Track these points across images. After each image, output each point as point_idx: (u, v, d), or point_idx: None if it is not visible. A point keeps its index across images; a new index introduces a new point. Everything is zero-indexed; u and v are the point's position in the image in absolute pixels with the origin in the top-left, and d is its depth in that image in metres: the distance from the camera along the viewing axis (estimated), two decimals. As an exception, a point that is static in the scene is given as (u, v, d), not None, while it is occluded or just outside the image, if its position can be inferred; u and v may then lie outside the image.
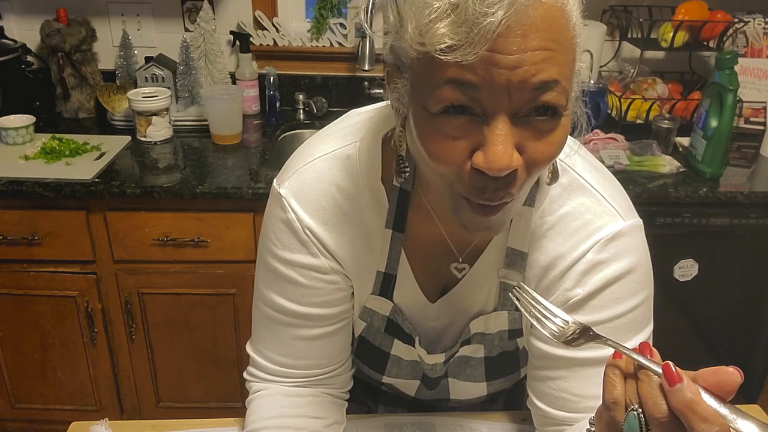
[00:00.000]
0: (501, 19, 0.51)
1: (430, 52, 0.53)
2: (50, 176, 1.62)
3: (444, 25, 0.52)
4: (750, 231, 1.75)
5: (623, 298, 0.73)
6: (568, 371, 0.76)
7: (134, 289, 1.75)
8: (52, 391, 1.91)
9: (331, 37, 2.10)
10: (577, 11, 0.57)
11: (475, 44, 0.51)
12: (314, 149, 0.78)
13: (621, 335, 0.73)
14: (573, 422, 0.76)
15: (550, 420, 0.79)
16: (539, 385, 0.79)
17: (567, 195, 0.74)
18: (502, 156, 0.55)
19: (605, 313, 0.73)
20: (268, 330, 0.82)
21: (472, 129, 0.56)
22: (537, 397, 0.80)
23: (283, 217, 0.76)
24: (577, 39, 0.57)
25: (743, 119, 2.04)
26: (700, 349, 1.96)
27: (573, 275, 0.74)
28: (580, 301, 0.74)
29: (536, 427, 0.83)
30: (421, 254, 0.80)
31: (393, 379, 0.92)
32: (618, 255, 0.73)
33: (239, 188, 1.61)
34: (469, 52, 0.52)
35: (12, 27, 2.07)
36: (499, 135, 0.55)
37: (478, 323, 0.83)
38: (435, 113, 0.57)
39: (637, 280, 0.74)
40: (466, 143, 0.57)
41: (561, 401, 0.77)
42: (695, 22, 1.92)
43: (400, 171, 0.72)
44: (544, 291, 0.76)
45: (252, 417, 0.83)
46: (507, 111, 0.55)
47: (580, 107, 0.62)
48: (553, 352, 0.76)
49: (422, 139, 0.60)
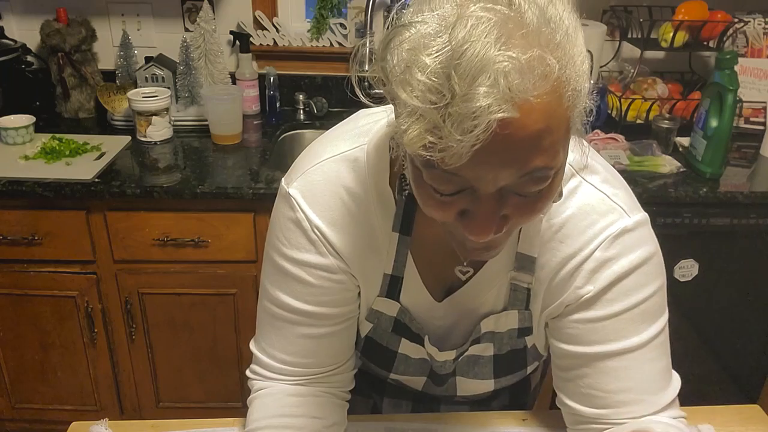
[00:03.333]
0: (475, 144, 0.49)
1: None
2: (50, 176, 1.62)
3: (422, 140, 0.51)
4: (750, 231, 1.75)
5: (635, 290, 0.74)
6: (591, 368, 0.77)
7: (134, 289, 1.75)
8: (52, 391, 1.91)
9: (331, 37, 2.10)
10: (577, 74, 0.53)
11: (454, 162, 0.51)
12: (323, 150, 0.78)
13: (635, 326, 0.75)
14: (602, 418, 0.78)
15: (580, 418, 0.80)
16: (568, 384, 0.81)
17: (572, 197, 0.74)
18: (484, 230, 0.58)
19: (618, 305, 0.74)
20: (273, 328, 0.82)
21: (461, 195, 0.57)
22: (567, 396, 0.81)
23: (292, 216, 0.77)
24: (576, 99, 0.54)
25: (743, 119, 2.04)
26: (700, 349, 1.96)
27: (583, 273, 0.75)
28: (592, 297, 0.75)
29: (567, 426, 0.85)
30: (426, 255, 0.81)
31: (400, 376, 0.93)
32: (626, 250, 0.73)
33: (239, 188, 1.61)
34: (449, 164, 0.52)
35: (12, 27, 2.07)
36: (485, 209, 0.57)
37: (488, 322, 0.83)
38: (425, 177, 0.57)
39: (647, 271, 0.75)
40: (455, 206, 0.59)
41: (589, 398, 0.78)
42: (695, 22, 1.92)
43: (402, 189, 0.75)
44: (555, 290, 0.77)
45: (254, 416, 0.83)
46: (494, 188, 0.56)
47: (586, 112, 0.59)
48: (574, 350, 0.78)
49: (414, 186, 0.61)
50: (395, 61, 0.53)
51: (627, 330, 0.74)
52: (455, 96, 0.49)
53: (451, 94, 0.49)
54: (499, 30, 0.48)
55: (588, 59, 0.55)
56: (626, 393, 0.76)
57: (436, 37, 0.50)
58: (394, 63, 0.53)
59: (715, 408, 0.97)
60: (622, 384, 0.76)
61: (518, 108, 0.49)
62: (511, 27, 0.49)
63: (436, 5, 0.53)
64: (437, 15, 0.52)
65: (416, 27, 0.52)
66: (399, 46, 0.53)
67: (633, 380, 0.76)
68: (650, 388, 0.76)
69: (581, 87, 0.54)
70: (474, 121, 0.48)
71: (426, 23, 0.52)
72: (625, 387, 0.76)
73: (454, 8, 0.51)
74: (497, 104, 0.48)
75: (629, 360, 0.75)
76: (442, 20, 0.51)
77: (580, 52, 0.54)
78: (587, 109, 0.57)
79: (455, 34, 0.49)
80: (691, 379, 0.82)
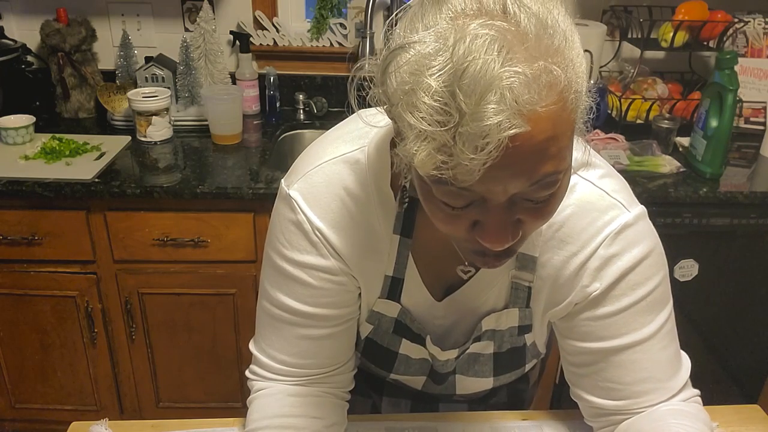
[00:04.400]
0: (486, 162, 0.49)
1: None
2: (50, 176, 1.62)
3: (432, 160, 0.51)
4: (750, 231, 1.75)
5: (641, 283, 0.75)
6: (606, 362, 0.78)
7: (134, 289, 1.75)
8: (52, 391, 1.91)
9: (331, 37, 2.10)
10: (577, 76, 0.53)
11: (466, 179, 0.51)
12: (323, 152, 0.78)
13: (645, 317, 0.76)
14: (622, 409, 0.79)
15: (600, 410, 0.82)
16: (584, 379, 0.82)
17: (570, 194, 0.74)
18: (500, 238, 0.58)
19: (625, 300, 0.76)
20: (273, 329, 0.82)
21: (472, 207, 0.57)
22: (584, 391, 0.83)
23: (292, 218, 0.77)
24: (578, 101, 0.54)
25: (743, 119, 2.04)
26: (700, 349, 1.96)
27: (588, 272, 0.75)
28: (600, 295, 0.76)
29: (586, 419, 0.86)
30: (427, 256, 0.81)
31: (401, 376, 0.93)
32: (629, 245, 0.74)
33: (239, 188, 1.61)
34: (461, 181, 0.52)
35: (12, 27, 2.07)
36: (496, 219, 0.57)
37: (489, 320, 0.84)
38: (435, 193, 0.57)
39: (651, 264, 0.76)
40: (466, 218, 0.58)
41: (607, 391, 0.80)
42: (695, 22, 1.92)
43: (402, 201, 0.75)
44: (562, 290, 0.78)
45: (253, 416, 0.83)
46: (505, 198, 0.55)
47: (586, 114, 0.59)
48: (588, 346, 0.79)
49: (423, 201, 0.61)
50: (396, 85, 0.52)
51: (637, 322, 0.76)
52: (464, 115, 0.48)
53: (459, 114, 0.48)
54: (499, 43, 0.48)
55: (585, 58, 0.55)
56: (643, 383, 0.78)
57: (436, 56, 0.49)
58: (395, 86, 0.52)
59: (715, 408, 0.97)
60: (639, 375, 0.77)
61: (527, 120, 0.48)
62: (511, 39, 0.49)
63: (430, 22, 0.52)
64: (434, 33, 0.51)
65: (415, 48, 0.51)
66: (399, 69, 0.52)
67: (648, 370, 0.77)
68: (664, 375, 0.78)
69: (582, 88, 0.54)
70: (485, 139, 0.48)
71: (424, 42, 0.51)
72: (641, 378, 0.77)
73: (450, 23, 0.51)
74: (507, 120, 0.48)
75: (642, 351, 0.77)
76: (440, 38, 0.50)
77: (578, 54, 0.53)
78: (587, 107, 0.57)
79: (455, 51, 0.48)
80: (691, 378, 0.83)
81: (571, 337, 0.81)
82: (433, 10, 0.53)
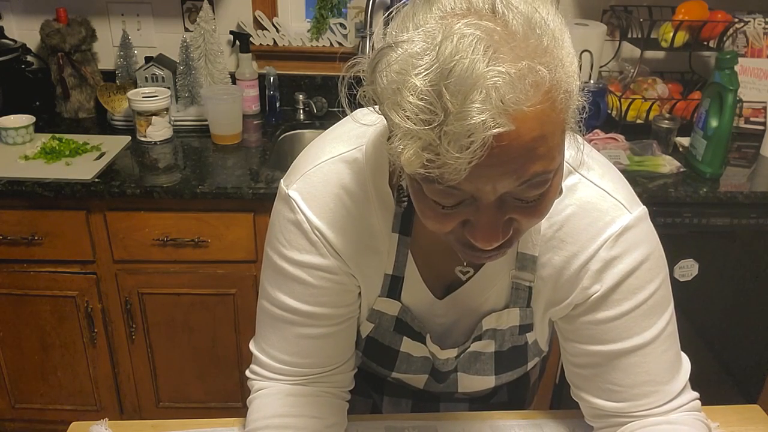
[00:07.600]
0: (472, 160, 0.49)
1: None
2: (50, 176, 1.62)
3: (419, 159, 0.51)
4: (750, 231, 1.75)
5: (641, 287, 0.75)
6: (608, 365, 0.78)
7: (134, 289, 1.75)
8: (52, 391, 1.91)
9: (331, 37, 2.10)
10: (567, 75, 0.53)
11: (452, 178, 0.51)
12: (322, 151, 0.78)
13: (646, 321, 0.76)
14: (622, 411, 0.80)
15: (600, 411, 0.82)
16: (585, 381, 0.82)
17: (572, 194, 0.74)
18: (489, 237, 0.58)
19: (626, 304, 0.75)
20: (273, 328, 0.82)
21: (462, 206, 0.57)
22: (585, 391, 0.83)
23: (292, 218, 0.77)
24: (569, 100, 0.54)
25: (743, 119, 2.04)
26: (700, 349, 1.96)
27: (589, 274, 0.75)
28: (601, 297, 0.76)
29: (586, 418, 0.86)
30: (426, 254, 0.81)
31: (403, 375, 0.93)
32: (630, 248, 0.74)
33: (239, 188, 1.61)
34: (448, 179, 0.52)
35: (12, 27, 2.07)
36: (486, 218, 0.57)
37: (490, 320, 0.84)
38: (425, 191, 0.57)
39: (651, 267, 0.75)
40: (456, 216, 0.59)
41: (608, 393, 0.80)
42: (695, 22, 1.92)
43: (400, 200, 0.75)
44: (562, 291, 0.78)
45: (253, 416, 0.83)
46: (494, 197, 0.56)
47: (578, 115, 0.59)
48: (589, 349, 0.79)
49: (414, 199, 0.61)
50: (385, 83, 0.53)
51: (639, 326, 0.76)
52: (449, 114, 0.48)
53: (444, 113, 0.49)
54: (486, 43, 0.48)
55: (576, 58, 0.55)
56: (643, 386, 0.78)
57: (423, 56, 0.50)
58: (384, 85, 0.53)
59: (715, 408, 0.97)
60: (640, 378, 0.78)
61: (513, 119, 0.49)
62: (497, 39, 0.49)
63: (420, 21, 0.52)
64: (422, 32, 0.51)
65: (403, 47, 0.51)
66: (387, 67, 0.52)
67: (649, 373, 0.77)
68: (664, 378, 0.78)
69: (572, 87, 0.54)
70: (470, 138, 0.48)
71: (412, 42, 0.51)
72: (642, 381, 0.78)
73: (439, 23, 0.51)
74: (492, 119, 0.48)
75: (644, 355, 0.77)
76: (428, 37, 0.50)
77: (568, 53, 0.53)
78: (580, 106, 0.57)
79: (442, 51, 0.48)
80: (691, 379, 0.83)
81: (573, 339, 0.81)
82: (423, 10, 0.53)
